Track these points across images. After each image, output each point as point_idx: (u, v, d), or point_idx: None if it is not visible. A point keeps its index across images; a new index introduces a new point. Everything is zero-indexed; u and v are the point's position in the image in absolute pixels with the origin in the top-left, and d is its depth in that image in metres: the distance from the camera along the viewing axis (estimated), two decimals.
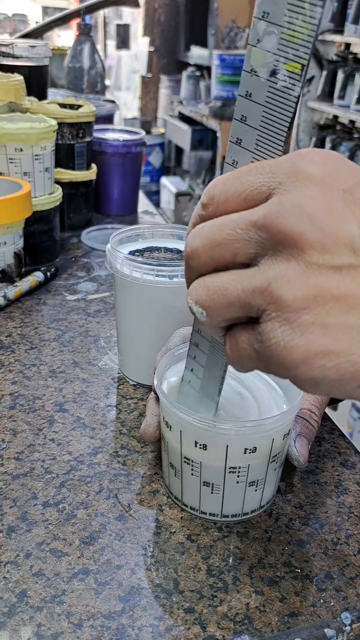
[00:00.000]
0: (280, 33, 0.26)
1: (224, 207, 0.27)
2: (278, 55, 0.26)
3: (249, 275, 0.26)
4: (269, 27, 0.26)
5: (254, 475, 0.38)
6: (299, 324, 0.24)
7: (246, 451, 0.37)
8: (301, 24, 0.25)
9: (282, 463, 0.41)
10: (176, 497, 0.41)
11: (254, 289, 0.25)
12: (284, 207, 0.25)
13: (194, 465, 0.38)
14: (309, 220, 0.24)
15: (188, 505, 0.40)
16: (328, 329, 0.24)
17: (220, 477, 0.38)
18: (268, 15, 0.26)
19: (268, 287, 0.25)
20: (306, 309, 0.24)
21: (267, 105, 0.27)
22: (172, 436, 0.39)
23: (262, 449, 0.37)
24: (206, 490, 0.38)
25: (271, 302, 0.25)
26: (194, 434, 0.37)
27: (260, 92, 0.27)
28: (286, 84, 0.26)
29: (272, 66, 0.27)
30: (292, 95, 0.26)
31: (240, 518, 0.40)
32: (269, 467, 0.38)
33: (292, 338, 0.24)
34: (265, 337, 0.25)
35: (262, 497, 0.40)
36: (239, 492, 0.38)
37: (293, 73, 0.26)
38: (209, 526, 0.39)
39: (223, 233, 0.26)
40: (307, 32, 0.25)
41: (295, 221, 0.24)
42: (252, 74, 0.27)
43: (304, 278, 0.24)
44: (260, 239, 0.26)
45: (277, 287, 0.24)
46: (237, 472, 0.37)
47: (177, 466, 0.39)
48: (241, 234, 0.26)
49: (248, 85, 0.28)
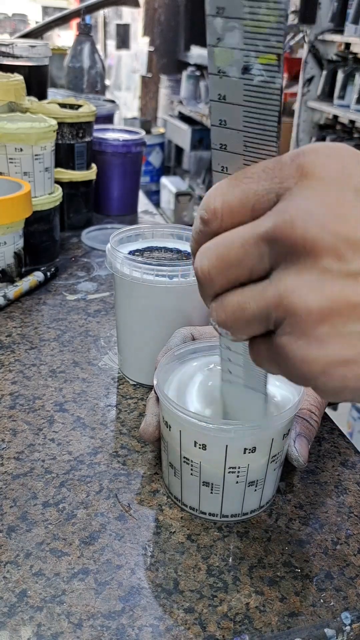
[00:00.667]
0: (243, 26, 0.23)
1: (230, 220, 0.26)
2: (247, 51, 0.24)
3: (263, 289, 0.25)
4: (228, 23, 0.24)
5: (253, 475, 0.38)
6: (315, 337, 0.23)
7: (245, 451, 0.37)
8: (266, 12, 0.23)
9: (282, 463, 0.41)
10: (176, 497, 0.41)
11: (268, 305, 0.24)
12: (292, 215, 0.23)
13: (193, 465, 0.38)
14: (321, 226, 0.23)
15: (188, 505, 0.40)
16: (346, 338, 0.23)
17: (220, 477, 0.38)
18: (224, 11, 0.23)
19: (282, 300, 0.24)
20: (322, 321, 0.23)
21: (247, 104, 0.25)
22: (171, 436, 0.39)
23: (261, 449, 0.37)
24: (205, 490, 0.38)
25: (286, 315, 0.24)
26: (194, 433, 0.37)
27: (235, 93, 0.25)
28: (264, 77, 0.24)
29: (242, 63, 0.24)
30: (273, 88, 0.24)
31: (239, 518, 0.40)
32: (269, 467, 0.38)
33: (309, 351, 0.24)
34: (283, 351, 0.25)
35: (261, 497, 0.40)
36: (239, 492, 0.38)
37: (269, 65, 0.24)
38: (209, 526, 0.39)
39: (233, 253, 0.25)
40: (274, 19, 0.23)
41: (306, 228, 0.23)
42: (220, 75, 0.25)
43: (318, 288, 0.23)
44: (273, 252, 0.24)
45: (291, 301, 0.23)
46: (236, 472, 0.37)
47: (176, 466, 0.39)
48: (252, 251, 0.25)
49: (219, 88, 0.25)
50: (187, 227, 0.57)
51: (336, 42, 2.37)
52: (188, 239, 0.57)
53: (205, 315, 0.53)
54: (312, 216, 0.23)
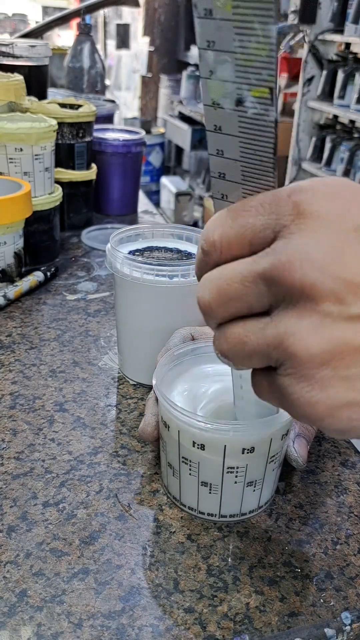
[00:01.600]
0: (234, 60, 0.23)
1: (228, 252, 0.26)
2: (239, 83, 0.24)
3: (263, 327, 0.25)
4: (219, 56, 0.24)
5: (252, 475, 0.38)
6: (317, 380, 0.23)
7: (244, 451, 0.36)
8: (256, 46, 0.23)
9: (281, 463, 0.41)
10: (174, 497, 0.41)
11: (268, 344, 0.24)
12: (290, 257, 0.23)
13: (192, 465, 0.38)
14: (320, 270, 0.23)
15: (186, 505, 0.40)
16: (350, 381, 0.23)
17: (218, 477, 0.38)
18: (214, 44, 0.23)
19: (282, 342, 0.24)
20: (324, 364, 0.23)
21: (243, 135, 0.25)
22: (170, 436, 0.39)
23: (260, 449, 0.37)
24: (204, 490, 0.38)
25: (287, 357, 0.24)
26: (192, 433, 0.37)
27: (230, 124, 0.25)
28: (257, 110, 0.24)
29: (235, 95, 0.24)
30: (267, 120, 0.24)
31: (238, 518, 0.40)
32: (267, 468, 0.38)
33: (312, 395, 0.24)
34: (285, 392, 0.24)
35: (260, 497, 0.40)
36: (237, 493, 0.38)
37: (262, 98, 0.24)
38: (209, 526, 0.39)
39: (232, 287, 0.25)
40: (265, 52, 0.23)
41: (304, 272, 0.23)
42: (215, 107, 0.25)
43: (319, 332, 0.23)
44: (271, 292, 0.24)
45: (292, 343, 0.23)
46: (235, 472, 0.37)
47: (175, 466, 0.39)
48: (251, 288, 0.24)
49: (215, 120, 0.25)
50: (187, 227, 0.57)
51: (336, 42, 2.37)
52: (188, 239, 0.57)
53: None
54: (310, 259, 0.23)
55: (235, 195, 0.27)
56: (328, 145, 2.41)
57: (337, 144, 2.37)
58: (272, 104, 0.24)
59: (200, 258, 0.27)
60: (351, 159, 2.27)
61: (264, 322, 0.25)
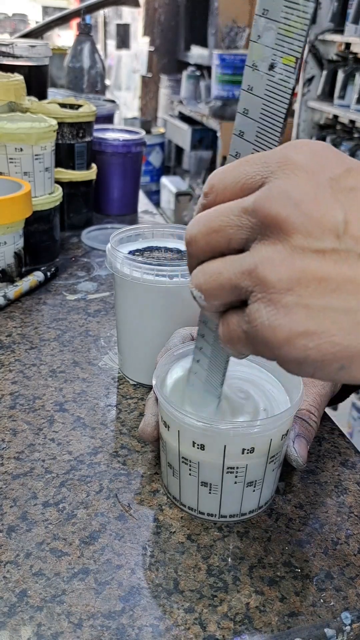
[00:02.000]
0: (277, 28, 0.27)
1: (223, 195, 0.29)
2: (276, 50, 0.28)
3: (240, 259, 0.27)
4: (268, 24, 0.27)
5: (252, 475, 0.38)
6: (283, 305, 0.25)
7: (244, 451, 0.37)
8: (295, 19, 0.27)
9: (281, 463, 0.41)
10: (174, 497, 0.41)
11: (242, 272, 0.26)
12: (272, 193, 0.26)
13: (191, 465, 0.38)
14: (295, 206, 0.25)
15: (186, 505, 0.40)
16: (310, 310, 0.25)
17: (218, 477, 0.38)
18: (267, 12, 0.27)
19: (255, 269, 0.26)
20: (290, 290, 0.25)
21: (266, 97, 0.29)
22: (170, 436, 0.39)
23: (260, 449, 0.37)
24: (204, 490, 0.38)
25: (258, 283, 0.26)
26: (192, 433, 0.37)
27: (260, 86, 0.29)
28: (282, 76, 0.28)
29: (270, 60, 0.28)
30: (287, 87, 0.28)
31: (238, 518, 0.40)
32: (267, 468, 0.38)
33: (276, 318, 0.25)
34: (252, 317, 0.26)
35: (260, 497, 0.40)
36: (237, 493, 0.38)
37: (288, 66, 0.28)
38: (209, 526, 0.39)
39: (218, 220, 0.28)
40: (300, 26, 0.27)
41: (281, 206, 0.26)
42: (253, 68, 0.28)
43: (289, 260, 0.25)
44: (251, 224, 0.27)
45: (263, 269, 0.26)
46: (235, 473, 0.37)
47: (175, 466, 0.39)
48: (234, 220, 0.27)
49: (250, 80, 0.29)
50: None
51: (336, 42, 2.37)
52: None
53: None
54: (289, 196, 0.26)
55: (246, 154, 0.30)
56: None
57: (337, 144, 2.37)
58: (294, 72, 0.27)
59: (200, 203, 0.30)
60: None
61: (241, 256, 0.27)
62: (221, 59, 3.01)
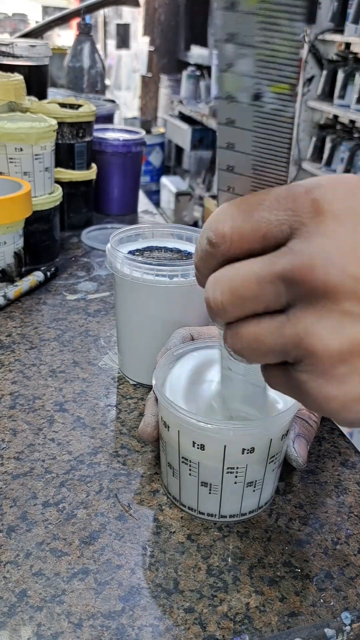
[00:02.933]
0: (256, 54, 0.23)
1: (239, 246, 0.25)
2: (258, 78, 0.23)
3: (281, 327, 0.25)
4: (239, 50, 0.23)
5: (252, 475, 0.38)
6: (335, 377, 0.24)
7: (244, 451, 0.36)
8: (280, 42, 0.22)
9: (281, 463, 0.41)
10: (174, 497, 0.41)
11: (286, 342, 0.24)
12: (311, 257, 0.23)
13: (191, 465, 0.38)
14: (341, 270, 0.23)
15: (186, 506, 0.40)
16: None
17: (218, 477, 0.37)
18: (234, 37, 0.23)
19: (301, 341, 0.24)
20: (342, 361, 0.24)
21: (258, 130, 0.25)
22: (170, 436, 0.39)
23: (260, 450, 0.37)
24: (204, 490, 0.38)
25: (306, 355, 0.24)
26: (192, 434, 0.37)
27: (244, 118, 0.25)
28: (276, 106, 0.24)
29: (252, 90, 0.24)
30: (286, 116, 0.24)
31: (238, 519, 0.40)
32: (267, 468, 0.38)
33: (329, 390, 0.24)
34: (302, 387, 0.25)
35: (260, 497, 0.40)
36: (237, 493, 0.38)
37: (282, 94, 0.23)
38: (209, 526, 0.39)
39: (248, 288, 0.25)
40: (289, 49, 0.22)
41: (327, 273, 0.23)
42: (229, 100, 0.24)
43: (338, 329, 0.23)
44: (290, 291, 0.24)
45: (311, 342, 0.24)
46: (235, 473, 0.37)
47: (175, 466, 0.39)
48: (268, 288, 0.24)
49: (228, 112, 0.25)
50: (187, 227, 0.57)
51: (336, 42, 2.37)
52: (188, 239, 0.57)
53: (205, 315, 0.53)
54: (332, 259, 0.23)
55: (244, 189, 0.27)
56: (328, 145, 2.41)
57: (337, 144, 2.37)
58: (292, 100, 0.24)
59: (205, 250, 0.26)
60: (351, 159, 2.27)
61: (280, 320, 0.25)
62: None
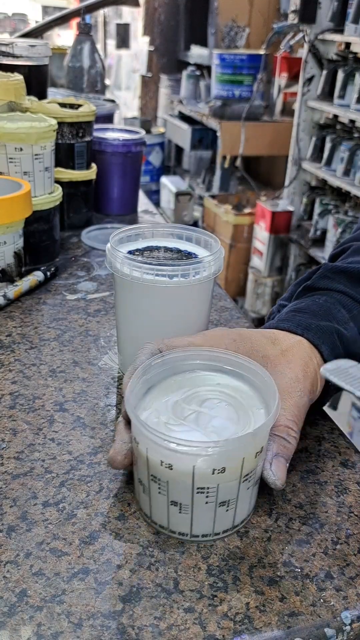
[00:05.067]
0: None
1: None
2: None
3: None
4: None
5: (224, 495, 0.36)
6: None
7: (214, 471, 0.35)
8: None
9: (257, 481, 0.39)
10: (145, 514, 0.39)
11: None
12: None
13: (161, 483, 0.36)
14: None
15: (157, 523, 0.38)
16: None
17: (188, 497, 0.36)
18: None
19: None
20: None
21: None
22: (139, 452, 0.37)
23: (231, 469, 0.35)
24: (174, 509, 0.37)
25: None
26: (159, 453, 0.35)
27: None
28: None
29: None
30: None
31: (211, 538, 0.38)
32: (241, 487, 0.37)
33: None
34: None
35: (234, 516, 0.38)
36: (209, 513, 0.37)
37: None
38: None
39: None
40: None
41: None
42: None
43: None
44: None
45: None
46: (205, 493, 0.36)
47: (145, 483, 0.38)
48: None
49: None
50: (187, 227, 0.57)
51: (336, 42, 2.36)
52: (188, 239, 0.56)
53: (204, 315, 0.53)
54: None
55: None
56: (328, 145, 2.40)
57: (337, 144, 2.37)
58: None
59: None
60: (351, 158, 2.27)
61: None
62: (221, 58, 3.01)
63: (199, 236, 0.55)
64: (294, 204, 2.66)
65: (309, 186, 2.63)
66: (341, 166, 2.31)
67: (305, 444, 0.48)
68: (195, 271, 0.48)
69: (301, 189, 2.64)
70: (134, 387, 0.39)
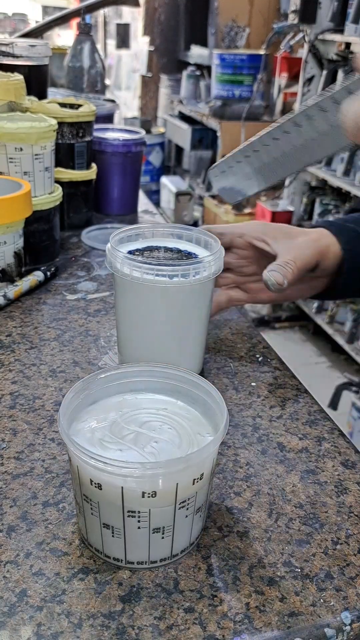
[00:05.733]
0: None
1: None
2: None
3: None
4: None
5: (158, 521, 0.34)
6: None
7: (144, 495, 0.33)
8: None
9: (202, 511, 0.37)
10: (83, 535, 0.38)
11: None
12: None
13: (92, 504, 0.35)
14: None
15: (92, 547, 0.37)
16: None
17: (119, 520, 0.34)
18: None
19: None
20: None
21: None
22: (73, 470, 0.36)
23: (163, 494, 0.33)
24: (107, 532, 0.35)
25: None
26: (88, 471, 0.34)
27: None
28: None
29: None
30: None
31: (148, 566, 0.36)
32: (177, 514, 0.35)
33: None
34: None
35: (172, 545, 0.36)
36: (143, 539, 0.35)
37: None
38: (209, 526, 0.39)
39: None
40: None
41: None
42: None
43: None
44: None
45: None
46: (137, 517, 0.34)
47: (80, 502, 0.36)
48: None
49: None
50: (187, 227, 0.57)
51: (336, 42, 2.36)
52: (188, 239, 0.56)
53: (204, 315, 0.53)
54: None
55: None
56: None
57: None
58: None
59: None
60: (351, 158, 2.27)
61: None
62: (221, 58, 3.01)
63: (199, 236, 0.55)
64: (294, 204, 2.66)
65: (309, 186, 2.63)
66: (341, 166, 2.31)
67: (305, 444, 0.48)
68: (195, 271, 0.48)
69: (301, 189, 2.64)
70: (68, 401, 0.38)
